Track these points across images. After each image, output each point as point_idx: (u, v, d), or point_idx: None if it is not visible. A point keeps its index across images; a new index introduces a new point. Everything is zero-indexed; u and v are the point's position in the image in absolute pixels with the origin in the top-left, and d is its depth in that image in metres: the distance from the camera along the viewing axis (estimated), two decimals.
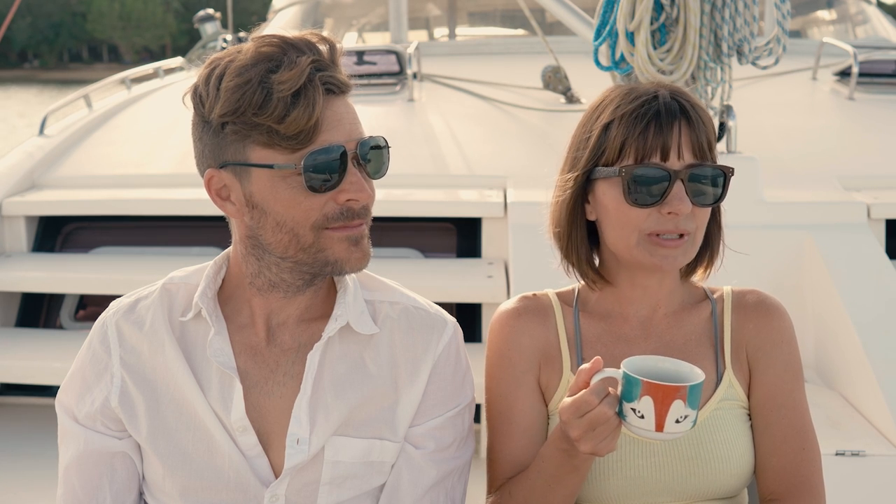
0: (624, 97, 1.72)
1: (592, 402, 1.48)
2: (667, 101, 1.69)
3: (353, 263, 1.58)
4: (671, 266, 1.71)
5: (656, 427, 1.46)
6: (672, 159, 1.68)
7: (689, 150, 1.68)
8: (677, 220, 1.68)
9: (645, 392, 1.46)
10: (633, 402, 1.47)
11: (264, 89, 1.47)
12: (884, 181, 3.84)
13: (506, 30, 7.24)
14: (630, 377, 1.48)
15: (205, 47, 6.48)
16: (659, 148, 1.67)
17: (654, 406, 1.45)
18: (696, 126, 1.69)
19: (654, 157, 1.68)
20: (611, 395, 1.49)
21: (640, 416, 1.47)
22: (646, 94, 1.71)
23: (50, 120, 4.70)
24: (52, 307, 3.92)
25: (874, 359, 2.89)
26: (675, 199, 1.66)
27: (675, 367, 1.53)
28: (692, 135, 1.68)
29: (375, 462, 1.65)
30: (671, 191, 1.67)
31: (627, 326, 1.79)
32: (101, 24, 68.37)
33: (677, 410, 1.45)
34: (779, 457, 1.74)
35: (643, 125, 1.68)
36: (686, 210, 1.67)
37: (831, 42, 5.25)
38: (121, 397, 1.65)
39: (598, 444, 1.49)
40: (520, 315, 1.80)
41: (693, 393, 1.46)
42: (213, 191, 1.58)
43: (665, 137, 1.67)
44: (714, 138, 1.73)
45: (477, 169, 4.08)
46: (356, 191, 1.53)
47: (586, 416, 1.48)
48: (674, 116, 1.68)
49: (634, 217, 1.70)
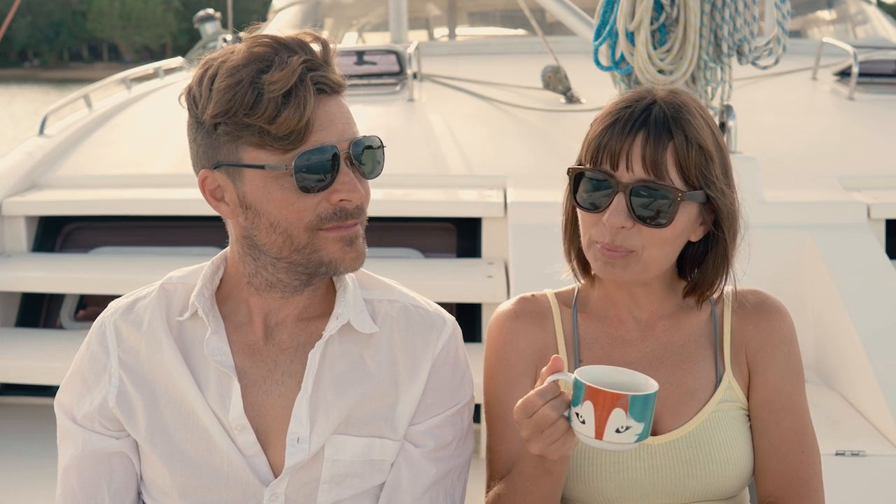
0: (617, 99, 1.71)
1: (537, 403, 1.47)
2: (637, 109, 1.64)
3: (347, 264, 1.58)
4: (614, 277, 1.67)
5: (595, 434, 1.43)
6: (621, 170, 1.63)
7: (639, 163, 1.61)
8: (613, 234, 1.63)
9: (587, 397, 1.44)
10: (577, 407, 1.45)
11: (255, 90, 1.47)
12: (884, 181, 3.84)
13: (506, 30, 7.23)
14: (576, 381, 1.46)
15: (205, 47, 6.49)
16: (609, 155, 1.63)
17: (595, 412, 1.43)
18: (655, 140, 1.61)
19: (605, 164, 1.64)
20: (559, 399, 1.47)
21: (582, 422, 1.44)
22: (630, 99, 1.67)
23: (50, 120, 4.70)
24: (52, 307, 3.92)
25: (874, 359, 2.89)
26: (611, 211, 1.62)
27: (629, 379, 1.50)
28: (646, 148, 1.61)
29: (375, 460, 1.65)
30: (611, 202, 1.63)
31: (625, 328, 1.78)
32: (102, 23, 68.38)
33: (618, 419, 1.42)
34: (778, 459, 1.73)
35: (602, 129, 1.65)
36: (617, 224, 1.62)
37: (831, 42, 5.24)
38: (119, 397, 1.65)
39: (546, 446, 1.47)
40: (517, 317, 1.80)
41: (637, 403, 1.43)
42: (206, 191, 1.58)
43: (616, 145, 1.62)
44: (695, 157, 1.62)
45: (477, 169, 4.08)
46: (349, 191, 1.53)
47: (532, 417, 1.47)
48: (632, 127, 1.62)
49: (585, 220, 1.69)
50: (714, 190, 1.65)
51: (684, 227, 1.67)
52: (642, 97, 1.67)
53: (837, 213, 3.47)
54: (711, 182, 1.65)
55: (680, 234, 1.67)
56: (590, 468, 1.69)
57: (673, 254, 1.70)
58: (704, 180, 1.64)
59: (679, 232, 1.67)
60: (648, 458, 1.69)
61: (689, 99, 1.69)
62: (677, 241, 1.68)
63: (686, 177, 1.63)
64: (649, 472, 1.69)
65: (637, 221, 1.62)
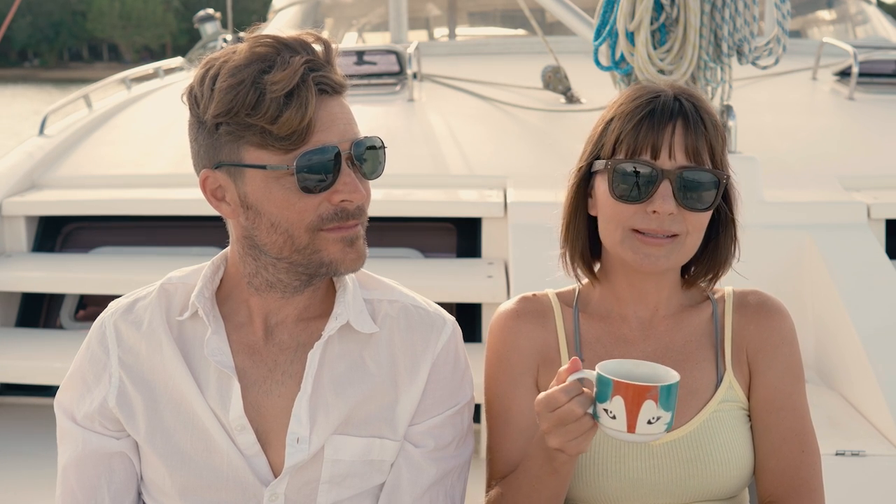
0: (631, 94, 1.73)
1: (561, 400, 1.48)
2: (667, 100, 1.69)
3: (348, 264, 1.58)
4: (653, 266, 1.69)
5: (628, 427, 1.45)
6: (663, 158, 1.67)
7: (681, 151, 1.67)
8: (661, 220, 1.67)
9: (616, 392, 1.45)
10: (605, 403, 1.47)
11: (257, 90, 1.47)
12: (884, 181, 3.84)
13: (506, 30, 7.23)
14: (602, 377, 1.47)
15: (205, 47, 6.48)
16: (650, 145, 1.67)
17: (626, 406, 1.45)
18: (694, 129, 1.67)
19: (645, 155, 1.68)
20: (583, 395, 1.48)
21: (612, 417, 1.46)
22: (651, 92, 1.71)
23: (50, 120, 4.70)
24: (52, 307, 3.92)
25: (874, 359, 2.89)
26: (659, 197, 1.66)
27: (651, 371, 1.53)
28: (687, 137, 1.67)
29: (375, 461, 1.65)
30: (657, 189, 1.66)
31: (627, 327, 1.79)
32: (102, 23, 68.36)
33: (649, 411, 1.44)
34: (778, 459, 1.73)
35: (636, 121, 1.68)
36: (668, 210, 1.66)
37: (831, 42, 5.24)
38: (119, 397, 1.65)
39: (566, 441, 1.49)
40: (519, 316, 1.80)
41: (665, 394, 1.45)
42: (208, 191, 1.58)
43: (657, 135, 1.67)
44: (719, 144, 1.71)
45: (477, 169, 4.08)
46: (350, 191, 1.53)
47: (556, 412, 1.48)
48: (670, 116, 1.67)
49: (620, 212, 1.70)
50: (729, 171, 1.73)
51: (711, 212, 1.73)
52: (660, 90, 1.72)
53: (837, 213, 3.47)
54: (727, 164, 1.73)
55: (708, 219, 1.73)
56: (591, 468, 1.69)
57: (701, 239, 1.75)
58: (725, 163, 1.73)
59: (709, 217, 1.72)
60: (650, 458, 1.69)
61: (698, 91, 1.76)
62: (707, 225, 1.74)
63: (714, 163, 1.70)
64: (650, 471, 1.69)
65: (683, 207, 1.67)
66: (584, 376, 1.50)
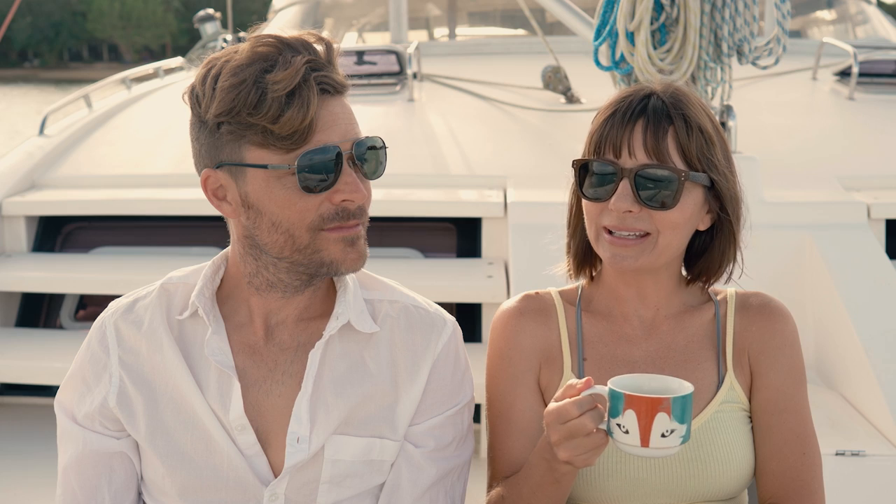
0: (615, 94, 1.74)
1: (573, 413, 1.47)
2: (635, 99, 1.69)
3: (348, 264, 1.58)
4: (624, 265, 1.69)
5: (641, 441, 1.44)
6: (624, 157, 1.67)
7: (641, 149, 1.66)
8: (624, 218, 1.67)
9: (628, 406, 1.44)
10: (617, 418, 1.45)
11: (259, 89, 1.47)
12: (884, 181, 3.84)
13: (506, 30, 7.23)
14: (614, 392, 1.46)
15: (205, 47, 6.48)
16: (611, 144, 1.67)
17: (638, 420, 1.43)
18: (655, 127, 1.65)
19: (608, 154, 1.68)
20: (595, 411, 1.48)
21: (626, 432, 1.45)
22: (629, 92, 1.72)
23: (50, 120, 4.70)
24: (52, 307, 3.92)
25: (874, 359, 2.89)
26: (616, 196, 1.66)
27: (663, 384, 1.51)
28: (647, 135, 1.66)
29: (375, 461, 1.65)
30: (616, 188, 1.66)
31: (629, 327, 1.78)
32: (102, 23, 68.32)
33: (662, 424, 1.43)
34: (779, 461, 1.73)
35: (602, 120, 1.70)
36: (624, 208, 1.65)
37: (831, 42, 5.24)
38: (119, 397, 1.65)
39: (575, 455, 1.49)
40: (521, 314, 1.80)
41: (678, 405, 1.43)
42: (209, 191, 1.58)
43: (618, 134, 1.67)
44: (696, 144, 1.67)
45: (477, 169, 4.08)
46: (351, 191, 1.53)
47: (567, 425, 1.48)
48: (632, 115, 1.67)
49: (591, 210, 1.72)
50: (717, 173, 1.69)
51: (692, 212, 1.70)
52: (640, 90, 1.72)
53: (837, 213, 3.47)
54: (713, 165, 1.69)
55: (689, 219, 1.70)
56: (593, 468, 1.69)
57: (684, 240, 1.73)
58: (707, 163, 1.69)
59: (688, 217, 1.70)
60: (651, 458, 1.69)
61: (687, 90, 1.74)
62: (687, 225, 1.71)
63: (688, 160, 1.67)
64: (652, 471, 1.69)
65: (643, 205, 1.66)
66: (597, 392, 1.49)
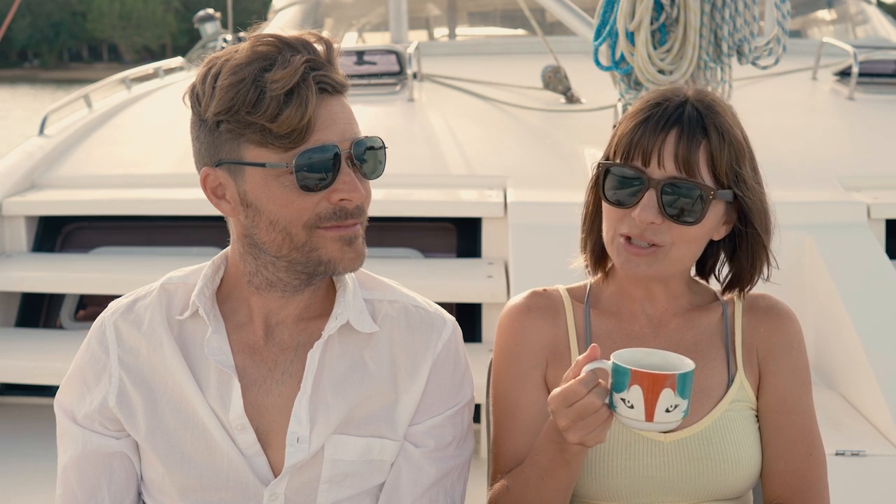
0: (646, 97, 1.72)
1: (581, 392, 1.48)
2: (669, 107, 1.66)
3: (346, 263, 1.58)
4: (635, 273, 1.68)
5: (646, 416, 1.46)
6: (653, 166, 1.64)
7: (672, 160, 1.63)
8: (643, 228, 1.65)
9: (634, 381, 1.46)
10: (622, 393, 1.47)
11: (258, 88, 1.47)
12: (884, 181, 3.84)
13: (506, 30, 7.24)
14: (619, 367, 1.48)
15: (205, 47, 6.49)
16: (641, 152, 1.65)
17: (644, 395, 1.46)
18: (689, 138, 1.63)
19: (637, 161, 1.66)
20: (600, 386, 1.49)
21: (630, 406, 1.47)
22: (661, 97, 1.69)
23: (50, 120, 4.70)
24: (52, 307, 3.92)
25: (874, 359, 2.89)
26: (641, 206, 1.64)
27: (664, 359, 1.53)
28: (679, 146, 1.63)
29: (375, 461, 1.65)
30: (641, 198, 1.64)
31: (637, 324, 1.78)
32: (102, 23, 68.31)
33: (667, 399, 1.45)
34: (786, 461, 1.74)
35: (633, 125, 1.67)
36: (648, 219, 1.63)
37: (831, 42, 5.25)
38: (119, 397, 1.64)
39: (586, 434, 1.49)
40: (529, 311, 1.79)
41: (683, 381, 1.46)
42: (208, 189, 1.59)
43: (649, 142, 1.64)
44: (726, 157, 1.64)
45: (477, 169, 4.08)
46: (349, 190, 1.53)
47: (574, 406, 1.48)
48: (665, 124, 1.64)
49: (611, 214, 1.70)
50: (743, 188, 1.68)
51: (711, 226, 1.70)
52: (674, 94, 1.69)
53: (837, 213, 3.47)
54: (742, 180, 1.67)
55: (707, 233, 1.70)
56: (601, 465, 1.69)
57: (698, 252, 1.73)
58: (735, 178, 1.67)
59: (707, 230, 1.69)
60: (660, 456, 1.69)
61: (718, 98, 1.71)
62: (703, 239, 1.71)
63: (717, 175, 1.66)
64: (660, 469, 1.69)
65: (667, 218, 1.64)
66: (600, 366, 1.51)
